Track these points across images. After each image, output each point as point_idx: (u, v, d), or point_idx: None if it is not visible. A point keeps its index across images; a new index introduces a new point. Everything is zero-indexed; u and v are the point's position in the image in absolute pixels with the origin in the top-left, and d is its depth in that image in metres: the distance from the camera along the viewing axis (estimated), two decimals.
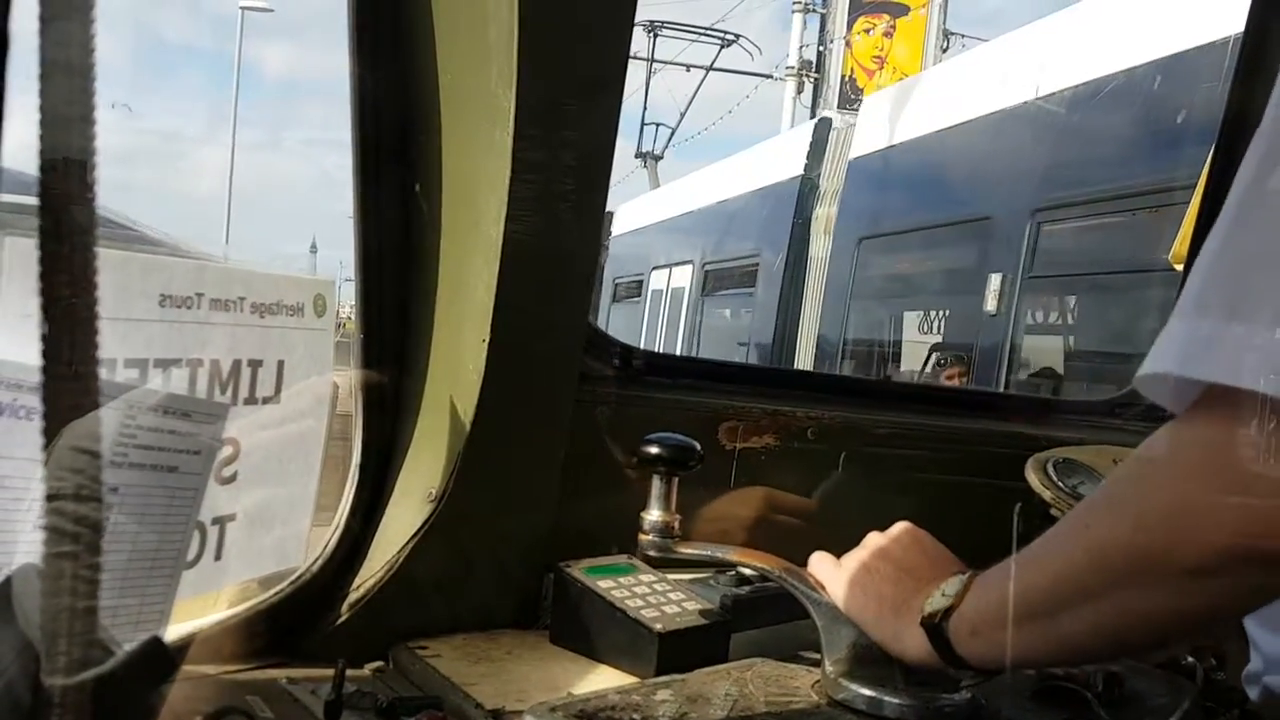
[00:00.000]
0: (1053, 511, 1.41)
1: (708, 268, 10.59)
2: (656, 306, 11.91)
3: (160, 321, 0.82)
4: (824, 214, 8.35)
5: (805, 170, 8.71)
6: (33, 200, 0.54)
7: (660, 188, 15.14)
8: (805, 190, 8.66)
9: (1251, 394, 0.64)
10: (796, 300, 8.59)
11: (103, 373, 0.79)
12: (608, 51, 1.08)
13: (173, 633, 0.92)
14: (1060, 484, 1.41)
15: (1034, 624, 0.81)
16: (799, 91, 17.06)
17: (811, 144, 8.81)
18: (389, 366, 1.15)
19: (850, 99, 14.70)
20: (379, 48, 1.07)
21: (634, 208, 14.17)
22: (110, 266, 0.81)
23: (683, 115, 16.59)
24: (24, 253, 0.56)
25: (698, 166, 13.55)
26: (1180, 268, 1.94)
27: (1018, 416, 1.70)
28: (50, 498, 0.57)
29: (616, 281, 13.73)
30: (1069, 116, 5.53)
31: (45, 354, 0.56)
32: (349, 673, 0.98)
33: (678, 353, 10.50)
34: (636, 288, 12.86)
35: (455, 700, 0.97)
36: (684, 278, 11.01)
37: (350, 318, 1.22)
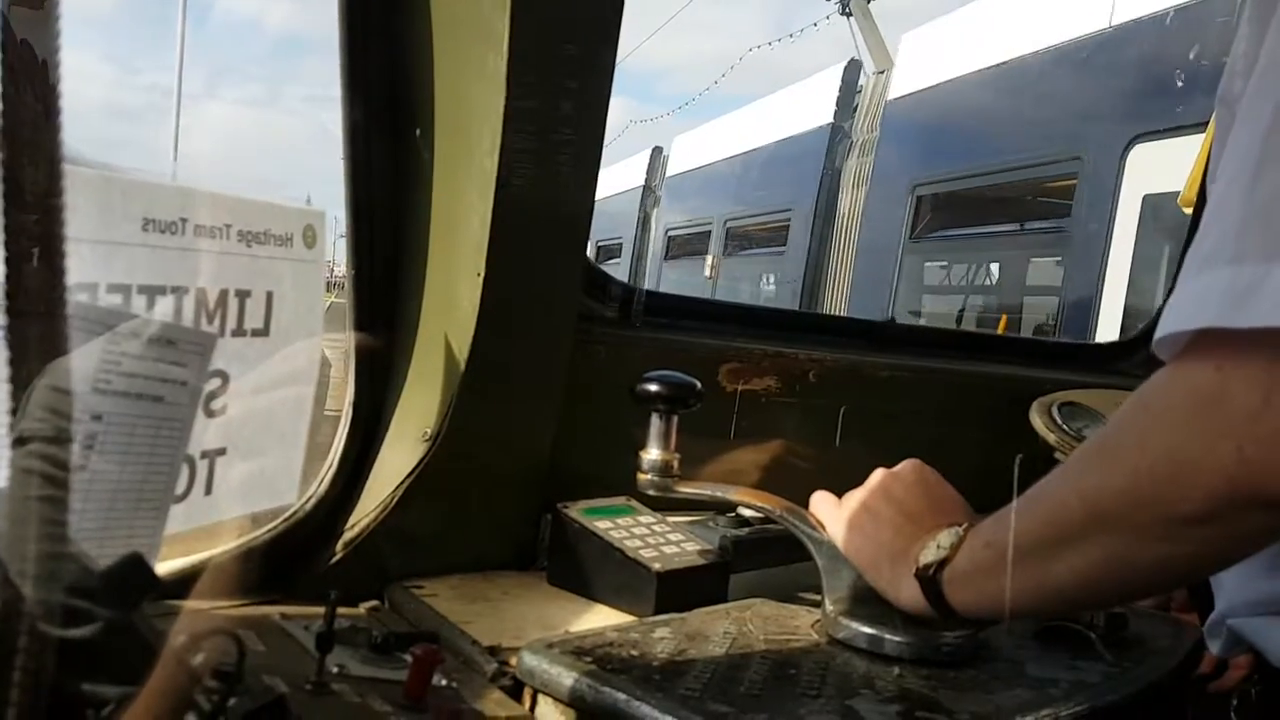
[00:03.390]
0: (1057, 455, 1.40)
1: None
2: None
3: (143, 246, 0.80)
4: None
5: None
6: None
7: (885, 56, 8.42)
8: None
9: (1249, 335, 0.61)
10: None
11: (84, 297, 0.77)
12: None
13: (165, 568, 0.91)
14: (1065, 427, 1.40)
15: (1025, 570, 0.79)
16: None
17: None
18: (382, 302, 1.13)
19: None
20: None
21: (940, 40, 6.67)
22: (91, 188, 0.78)
23: None
24: None
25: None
26: (1189, 211, 1.90)
27: (1021, 359, 1.68)
28: (23, 440, 0.55)
29: (919, 189, 6.35)
30: None
31: (10, 285, 0.53)
32: (344, 611, 0.97)
33: None
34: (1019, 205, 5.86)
35: (451, 637, 0.96)
36: None
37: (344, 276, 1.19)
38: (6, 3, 0.53)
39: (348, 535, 1.09)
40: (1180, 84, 4.34)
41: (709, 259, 10.13)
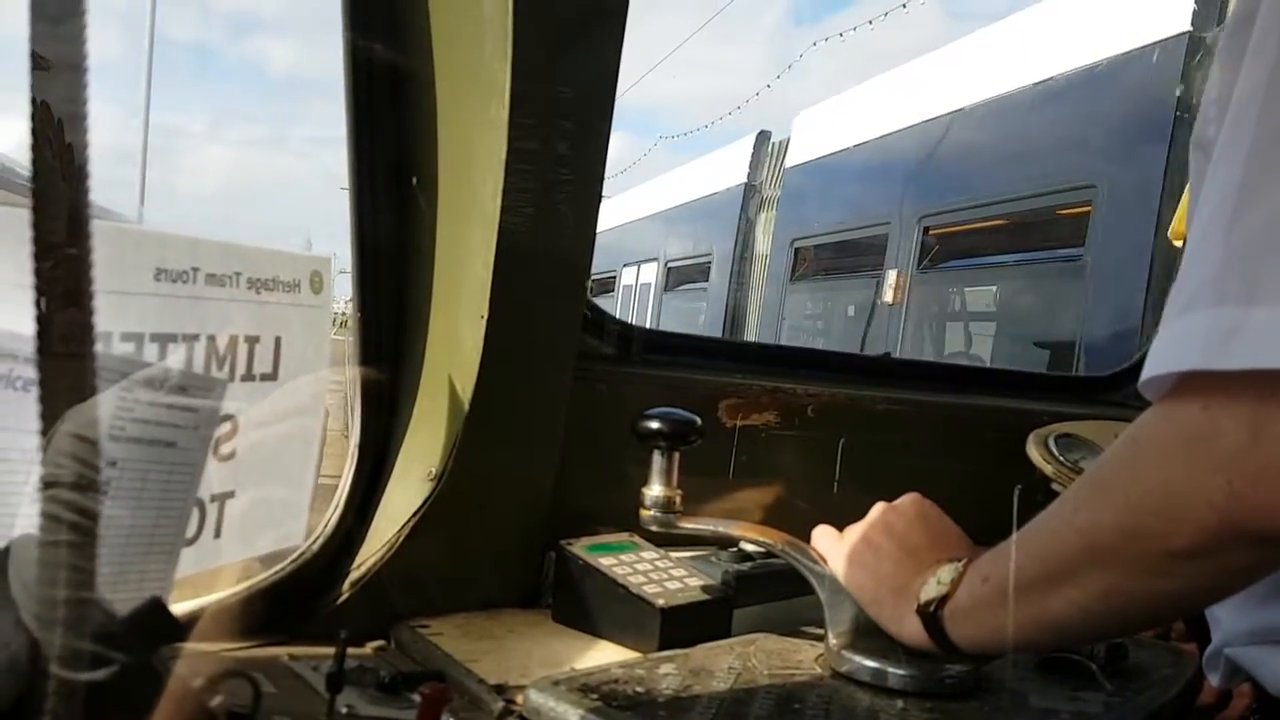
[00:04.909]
0: (1054, 486, 1.41)
1: None
2: None
3: (155, 295, 0.82)
4: None
5: None
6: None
7: None
8: None
9: (1235, 375, 0.63)
10: None
11: (98, 346, 0.79)
12: (604, 16, 1.07)
13: (175, 610, 0.92)
14: (1061, 459, 1.41)
15: (1022, 605, 0.80)
16: None
17: None
18: (387, 345, 1.14)
19: None
20: (372, 22, 1.06)
21: None
22: (104, 239, 0.80)
23: None
24: (13, 221, 0.55)
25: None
26: (1180, 244, 1.93)
27: (1018, 392, 1.69)
28: (48, 484, 0.56)
29: None
30: None
31: (40, 334, 0.55)
32: (351, 651, 0.98)
33: None
34: None
35: (457, 676, 0.97)
36: None
37: (346, 312, 1.21)
38: (29, 68, 0.56)
39: (354, 575, 1.09)
40: None
41: (890, 277, 6.58)
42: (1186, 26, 4.68)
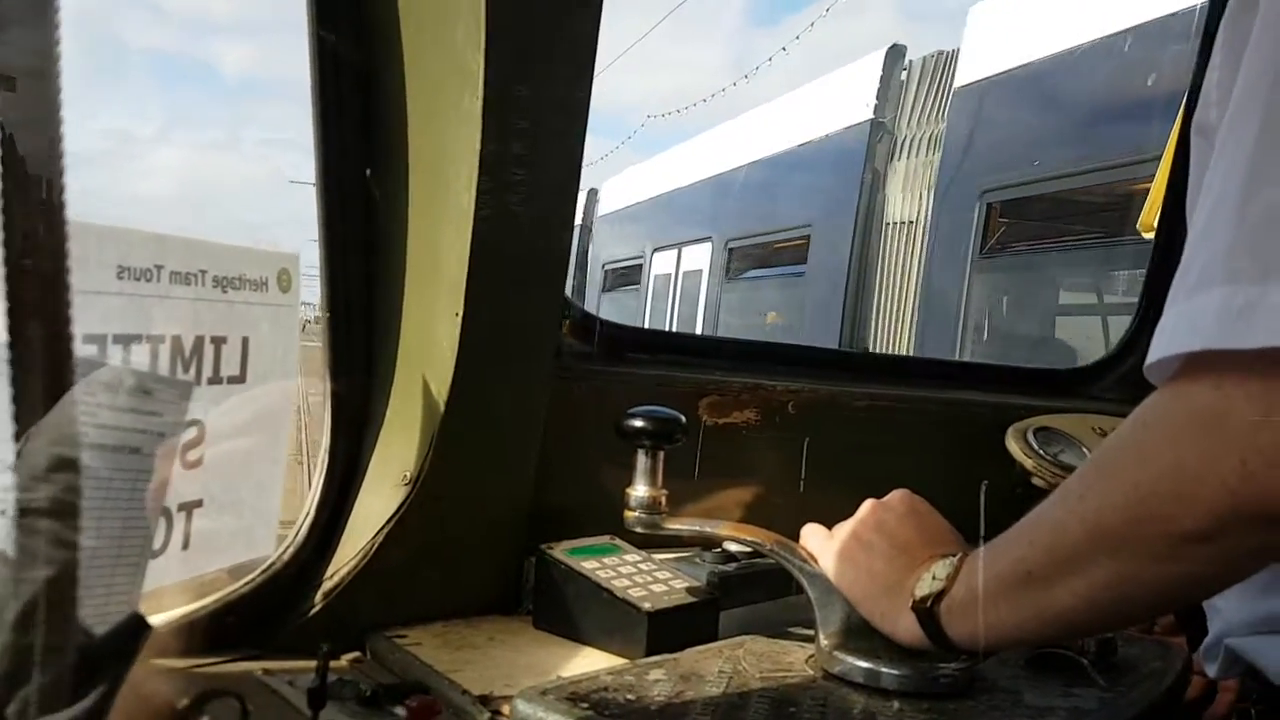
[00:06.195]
0: (1034, 480, 1.40)
1: None
2: None
3: (118, 294, 0.77)
4: None
5: None
6: None
7: None
8: None
9: (1249, 354, 0.61)
10: None
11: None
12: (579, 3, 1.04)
13: None
14: (1041, 452, 1.41)
15: (1026, 598, 0.79)
16: None
17: None
18: (358, 344, 1.10)
19: None
20: (338, 6, 1.02)
21: None
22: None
23: None
24: None
25: None
26: (1150, 236, 1.94)
27: (995, 386, 1.69)
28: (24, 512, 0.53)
29: None
30: None
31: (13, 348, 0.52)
32: None
33: None
34: None
35: (439, 687, 0.93)
36: None
37: (317, 318, 1.17)
38: None
39: (327, 585, 1.05)
40: None
41: None
42: None
